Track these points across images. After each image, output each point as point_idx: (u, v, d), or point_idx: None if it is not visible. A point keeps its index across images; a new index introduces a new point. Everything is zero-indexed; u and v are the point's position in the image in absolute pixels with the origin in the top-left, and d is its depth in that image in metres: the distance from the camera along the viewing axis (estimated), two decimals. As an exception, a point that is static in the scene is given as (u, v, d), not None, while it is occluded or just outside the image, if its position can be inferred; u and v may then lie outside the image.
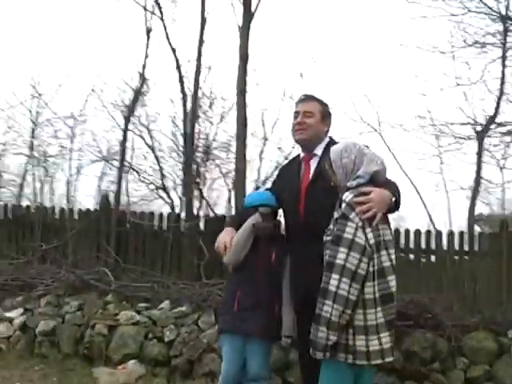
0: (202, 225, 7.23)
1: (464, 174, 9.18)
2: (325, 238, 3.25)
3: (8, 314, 6.25)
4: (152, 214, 7.38)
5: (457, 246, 6.41)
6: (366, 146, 3.39)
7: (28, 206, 8.22)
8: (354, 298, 3.00)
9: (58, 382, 5.32)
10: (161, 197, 11.09)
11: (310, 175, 3.80)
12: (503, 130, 8.46)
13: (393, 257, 3.18)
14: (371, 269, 3.07)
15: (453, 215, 8.99)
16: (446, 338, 5.25)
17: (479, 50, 8.21)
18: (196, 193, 8.82)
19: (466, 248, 6.39)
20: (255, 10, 7.10)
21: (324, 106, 3.93)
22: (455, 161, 9.28)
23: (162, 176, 10.56)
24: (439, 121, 8.80)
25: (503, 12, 7.85)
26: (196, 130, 9.08)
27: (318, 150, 3.82)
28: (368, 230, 3.08)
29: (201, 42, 8.09)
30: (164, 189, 10.37)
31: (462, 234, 6.51)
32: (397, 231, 6.61)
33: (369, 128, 7.32)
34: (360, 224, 3.05)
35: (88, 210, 7.82)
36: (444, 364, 5.21)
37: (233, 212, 8.22)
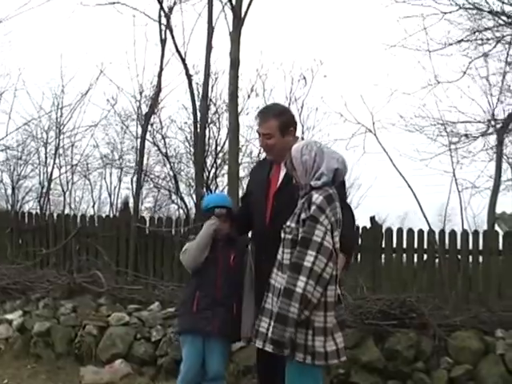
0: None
1: (473, 173, 9.09)
2: (284, 236, 3.27)
3: (8, 316, 6.52)
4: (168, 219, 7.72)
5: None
6: (326, 146, 3.45)
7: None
8: (315, 300, 3.05)
9: (46, 380, 5.54)
10: (174, 202, 11.51)
11: (279, 181, 3.76)
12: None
13: None
14: (334, 273, 3.12)
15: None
16: (430, 337, 5.21)
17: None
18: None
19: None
20: (245, 16, 7.20)
21: (280, 118, 3.76)
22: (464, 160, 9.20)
23: (176, 181, 10.79)
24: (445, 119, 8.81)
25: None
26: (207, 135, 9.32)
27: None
28: (336, 233, 3.13)
29: (209, 49, 8.20)
30: (177, 193, 10.68)
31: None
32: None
33: (363, 129, 7.22)
34: (329, 227, 3.09)
35: (107, 216, 8.19)
36: (428, 363, 5.17)
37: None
